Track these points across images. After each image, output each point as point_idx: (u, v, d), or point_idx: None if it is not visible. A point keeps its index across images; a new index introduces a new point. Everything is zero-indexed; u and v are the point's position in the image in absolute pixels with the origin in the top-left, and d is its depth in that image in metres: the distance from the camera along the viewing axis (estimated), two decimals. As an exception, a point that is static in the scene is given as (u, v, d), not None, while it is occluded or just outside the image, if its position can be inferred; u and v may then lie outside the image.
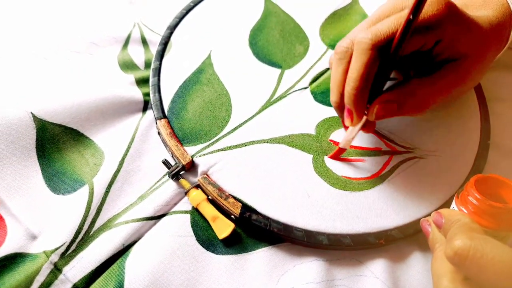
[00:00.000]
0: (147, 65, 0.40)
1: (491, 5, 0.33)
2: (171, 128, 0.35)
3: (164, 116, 0.36)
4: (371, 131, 0.33)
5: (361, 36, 0.29)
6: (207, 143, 0.35)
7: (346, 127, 0.33)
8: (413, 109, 0.30)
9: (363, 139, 0.36)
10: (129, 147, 0.34)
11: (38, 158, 0.32)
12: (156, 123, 0.35)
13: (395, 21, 0.28)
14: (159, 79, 0.38)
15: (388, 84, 0.31)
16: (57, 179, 0.32)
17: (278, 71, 0.40)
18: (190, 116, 0.36)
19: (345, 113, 0.31)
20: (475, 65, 0.31)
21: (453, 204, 0.27)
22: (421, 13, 0.27)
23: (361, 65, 0.28)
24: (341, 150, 0.34)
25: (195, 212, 0.32)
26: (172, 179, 0.33)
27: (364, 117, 0.31)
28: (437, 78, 0.30)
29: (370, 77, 0.29)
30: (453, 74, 0.31)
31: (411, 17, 0.26)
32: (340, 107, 0.32)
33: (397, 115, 0.30)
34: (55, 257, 0.28)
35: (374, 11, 0.33)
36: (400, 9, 0.30)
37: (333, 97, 0.32)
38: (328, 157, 0.34)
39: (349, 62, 0.30)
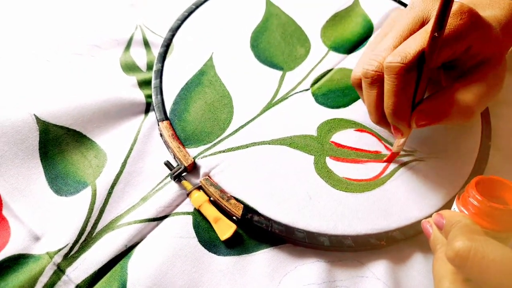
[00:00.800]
0: (149, 67, 0.40)
1: (497, 5, 0.33)
2: (173, 129, 0.35)
3: (166, 118, 0.36)
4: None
5: (390, 60, 0.28)
6: (209, 144, 0.35)
7: (395, 138, 0.33)
8: (460, 116, 0.30)
9: (364, 142, 0.36)
10: (131, 149, 0.34)
11: (41, 159, 0.33)
12: (158, 125, 0.36)
13: (421, 39, 0.28)
14: (161, 81, 0.38)
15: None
16: (60, 180, 0.32)
17: (280, 73, 0.40)
18: (192, 118, 0.36)
19: (393, 130, 0.32)
20: (499, 63, 0.31)
21: (454, 206, 0.28)
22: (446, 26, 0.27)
23: (397, 89, 0.28)
24: (395, 155, 0.35)
25: (197, 214, 0.32)
26: (174, 180, 0.33)
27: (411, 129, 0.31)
28: (479, 81, 0.30)
29: (408, 96, 0.29)
30: (492, 76, 0.30)
31: (436, 34, 0.26)
32: (381, 123, 0.33)
33: (440, 122, 0.30)
34: (58, 258, 0.29)
35: (392, 24, 0.32)
36: (421, 21, 0.30)
37: (373, 119, 0.33)
38: (384, 161, 0.35)
39: (381, 85, 0.30)
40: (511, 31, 0.33)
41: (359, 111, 0.38)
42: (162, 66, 0.39)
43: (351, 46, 0.43)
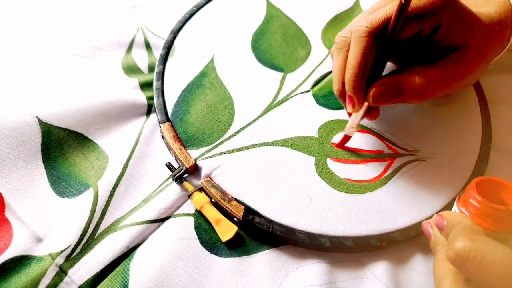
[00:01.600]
0: (151, 69, 0.41)
1: (492, 3, 0.34)
2: (175, 131, 0.35)
3: (168, 120, 0.36)
4: (374, 118, 0.34)
5: (356, 24, 0.30)
6: (210, 146, 0.35)
7: (349, 114, 0.34)
8: (412, 96, 0.31)
9: (365, 142, 0.36)
10: (133, 151, 0.34)
11: (43, 161, 0.33)
12: (160, 127, 0.36)
13: (389, 9, 0.30)
14: (162, 83, 0.38)
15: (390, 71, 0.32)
16: (62, 182, 0.32)
17: (281, 74, 0.40)
18: (193, 119, 0.36)
19: (347, 100, 0.32)
20: (477, 58, 0.32)
21: (455, 207, 0.28)
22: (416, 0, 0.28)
23: (359, 52, 0.30)
24: (347, 137, 0.35)
25: (199, 215, 0.32)
26: (175, 182, 0.33)
27: (365, 103, 0.32)
28: (439, 67, 0.31)
29: (368, 63, 0.30)
30: (455, 65, 0.31)
31: (403, 1, 0.27)
32: (342, 95, 0.33)
33: (396, 101, 0.31)
34: (60, 260, 0.29)
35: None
36: None
37: (335, 86, 0.33)
38: (334, 145, 0.35)
39: (348, 51, 0.31)
40: (503, 29, 0.33)
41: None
42: (164, 68, 0.40)
43: (352, 48, 0.43)
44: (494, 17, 0.33)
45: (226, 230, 0.31)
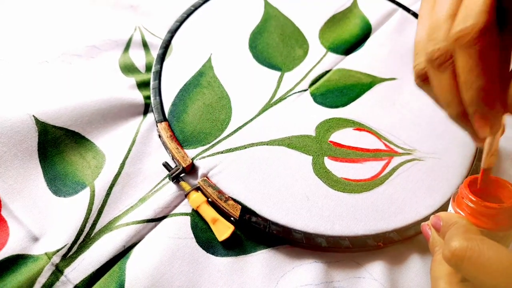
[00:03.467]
0: (148, 68, 0.41)
1: None
2: (172, 131, 0.35)
3: (165, 119, 0.36)
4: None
5: (458, 30, 0.22)
6: (207, 145, 0.35)
7: (480, 141, 0.25)
8: None
9: (363, 140, 0.36)
10: (130, 150, 0.34)
11: (40, 160, 0.33)
12: (157, 126, 0.36)
13: None
14: (159, 82, 0.38)
15: None
16: (58, 181, 0.32)
17: (278, 73, 0.40)
18: (190, 119, 0.36)
19: (477, 124, 0.23)
20: None
21: (450, 207, 0.28)
22: None
23: (478, 63, 0.21)
24: (488, 171, 0.26)
25: (195, 214, 0.32)
26: (172, 181, 0.33)
27: (504, 116, 0.23)
28: None
29: (493, 69, 0.22)
30: None
31: None
32: (462, 117, 0.24)
33: None
34: (56, 259, 0.29)
35: None
36: None
37: (454, 108, 0.24)
38: (478, 184, 0.26)
39: (453, 65, 0.23)
40: None
41: (357, 110, 0.38)
42: (161, 68, 0.40)
43: (349, 47, 0.43)
44: None
45: (223, 230, 0.31)
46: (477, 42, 0.21)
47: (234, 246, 0.31)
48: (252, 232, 0.31)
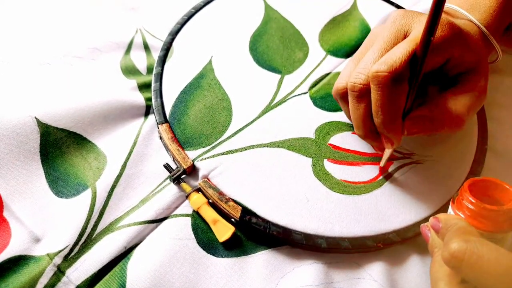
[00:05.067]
0: (149, 70, 0.41)
1: (478, 8, 0.34)
2: (173, 132, 0.36)
3: (166, 121, 0.36)
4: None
5: (376, 69, 0.28)
6: (208, 147, 0.35)
7: (379, 149, 0.34)
8: (450, 124, 0.30)
9: (361, 144, 0.36)
10: (131, 151, 0.35)
11: (42, 162, 0.33)
12: (158, 128, 0.36)
13: (406, 47, 0.28)
14: (161, 84, 0.39)
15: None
16: (60, 182, 0.32)
17: (278, 76, 0.40)
18: (191, 120, 0.37)
19: (383, 141, 0.31)
20: (484, 73, 0.31)
21: (450, 209, 0.28)
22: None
23: (387, 99, 0.28)
24: (385, 169, 0.35)
25: (196, 216, 0.32)
26: (173, 182, 0.33)
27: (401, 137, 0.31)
28: (464, 90, 0.31)
29: (399, 105, 0.29)
30: (477, 87, 0.31)
31: (431, 38, 0.26)
32: (368, 138, 0.32)
33: (433, 131, 0.30)
34: (58, 260, 0.29)
35: (374, 38, 0.32)
36: (403, 35, 0.30)
37: (361, 133, 0.32)
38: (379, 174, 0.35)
39: (369, 98, 0.29)
40: (486, 40, 0.33)
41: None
42: (162, 70, 0.40)
43: (349, 51, 0.43)
44: (479, 27, 0.33)
45: (223, 231, 0.31)
46: (387, 84, 0.27)
47: (235, 247, 0.31)
48: (253, 233, 0.32)
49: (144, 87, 0.39)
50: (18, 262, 0.29)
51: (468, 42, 0.30)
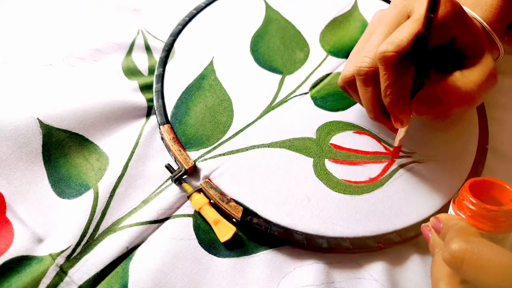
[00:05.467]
0: (151, 71, 0.41)
1: (479, 6, 0.34)
2: (174, 133, 0.36)
3: (167, 122, 0.36)
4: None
5: (383, 50, 0.28)
6: (209, 148, 0.35)
7: (392, 129, 0.34)
8: (459, 101, 0.29)
9: (363, 143, 0.36)
10: (133, 152, 0.35)
11: (44, 163, 0.33)
12: (160, 129, 0.36)
13: (410, 26, 0.28)
14: (162, 85, 0.39)
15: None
16: (62, 183, 0.33)
17: (279, 77, 0.41)
18: (192, 121, 0.37)
19: (394, 120, 0.31)
20: (491, 58, 0.31)
21: (450, 209, 0.28)
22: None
23: (394, 78, 0.28)
24: (398, 148, 0.35)
25: (198, 216, 0.32)
26: (175, 183, 0.33)
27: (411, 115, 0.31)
28: (474, 68, 0.30)
29: (407, 83, 0.29)
30: (486, 66, 0.30)
31: (431, 15, 0.26)
32: (379, 119, 0.33)
33: (441, 111, 0.30)
34: (61, 260, 0.29)
35: (377, 23, 0.33)
36: (406, 16, 0.30)
37: (372, 116, 0.33)
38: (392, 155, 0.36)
39: (376, 81, 0.30)
40: (490, 37, 0.33)
41: (357, 113, 0.38)
42: (164, 71, 0.40)
43: (350, 51, 0.43)
44: (482, 24, 0.33)
45: (225, 231, 0.31)
46: (394, 63, 0.28)
47: (236, 247, 0.31)
48: (254, 233, 0.32)
49: (145, 88, 0.39)
50: (20, 262, 0.29)
51: (471, 26, 0.30)
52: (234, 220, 0.32)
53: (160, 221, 0.32)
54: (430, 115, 0.30)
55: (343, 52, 0.43)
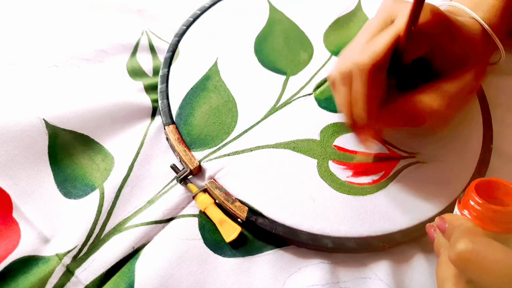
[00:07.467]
0: (156, 72, 0.41)
1: (480, 7, 0.34)
2: (179, 133, 0.36)
3: (172, 122, 0.37)
4: (378, 139, 0.33)
5: (356, 60, 0.28)
6: (214, 148, 0.35)
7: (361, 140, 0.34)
8: (417, 119, 0.30)
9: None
10: (138, 153, 0.35)
11: (50, 163, 0.33)
12: (165, 129, 0.36)
13: (387, 38, 0.28)
14: (167, 86, 0.39)
15: None
16: (68, 183, 0.33)
17: (283, 77, 0.41)
18: (197, 122, 0.37)
19: (361, 131, 0.32)
20: (474, 68, 0.31)
21: (456, 209, 0.28)
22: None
23: (366, 87, 0.28)
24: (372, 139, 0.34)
25: (203, 216, 0.32)
26: (180, 183, 0.34)
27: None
28: (444, 83, 0.30)
29: (379, 95, 0.29)
30: (461, 80, 0.30)
31: (412, 27, 0.26)
32: (353, 127, 0.33)
33: (404, 125, 0.30)
34: (67, 260, 0.29)
35: (364, 26, 0.33)
36: (390, 22, 0.30)
37: (346, 120, 0.32)
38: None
39: (350, 84, 0.30)
40: (490, 38, 0.33)
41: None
42: (168, 71, 0.40)
43: (354, 51, 0.43)
44: (483, 25, 0.33)
45: (230, 231, 0.31)
46: (366, 73, 0.28)
47: (241, 247, 0.31)
48: (259, 233, 0.32)
49: (150, 88, 0.40)
50: (27, 262, 0.29)
51: (456, 34, 0.30)
52: (239, 220, 0.32)
53: (165, 221, 0.32)
54: (396, 127, 0.30)
55: (347, 53, 0.43)
